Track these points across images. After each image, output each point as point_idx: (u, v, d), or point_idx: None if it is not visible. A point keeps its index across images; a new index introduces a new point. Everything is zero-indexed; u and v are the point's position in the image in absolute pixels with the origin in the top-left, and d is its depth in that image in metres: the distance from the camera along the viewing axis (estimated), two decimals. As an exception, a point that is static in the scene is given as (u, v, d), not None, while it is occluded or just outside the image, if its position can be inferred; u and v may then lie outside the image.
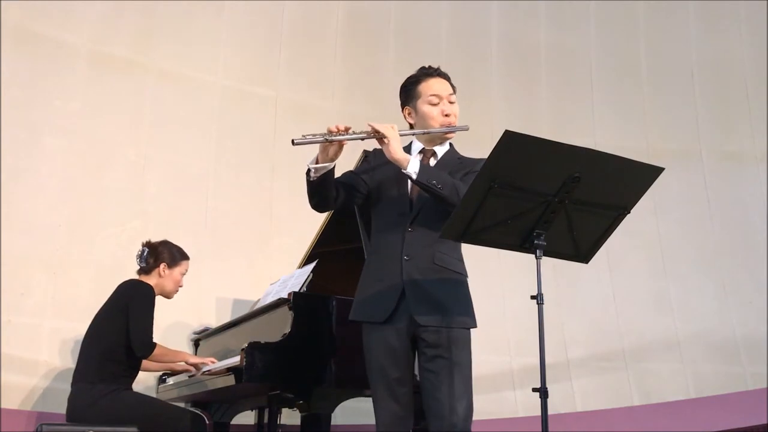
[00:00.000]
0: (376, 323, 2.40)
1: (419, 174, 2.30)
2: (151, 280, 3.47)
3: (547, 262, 2.25)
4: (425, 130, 2.51)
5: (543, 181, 2.15)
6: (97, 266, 4.21)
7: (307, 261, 3.58)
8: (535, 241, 2.24)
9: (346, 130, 2.32)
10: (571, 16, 6.04)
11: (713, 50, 6.07)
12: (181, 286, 3.59)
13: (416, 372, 2.44)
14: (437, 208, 2.38)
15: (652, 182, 2.23)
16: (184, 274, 3.57)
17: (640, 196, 2.26)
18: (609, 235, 2.34)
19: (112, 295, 3.42)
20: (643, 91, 6.01)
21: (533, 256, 2.26)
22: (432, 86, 2.55)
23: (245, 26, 5.18)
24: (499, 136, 2.07)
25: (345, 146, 2.35)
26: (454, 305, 2.38)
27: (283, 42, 5.28)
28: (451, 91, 2.57)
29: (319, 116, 5.28)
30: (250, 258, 4.77)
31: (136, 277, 3.50)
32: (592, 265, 2.44)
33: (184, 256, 3.58)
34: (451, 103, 2.54)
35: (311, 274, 3.25)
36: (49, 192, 4.24)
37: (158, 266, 3.49)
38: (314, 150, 2.38)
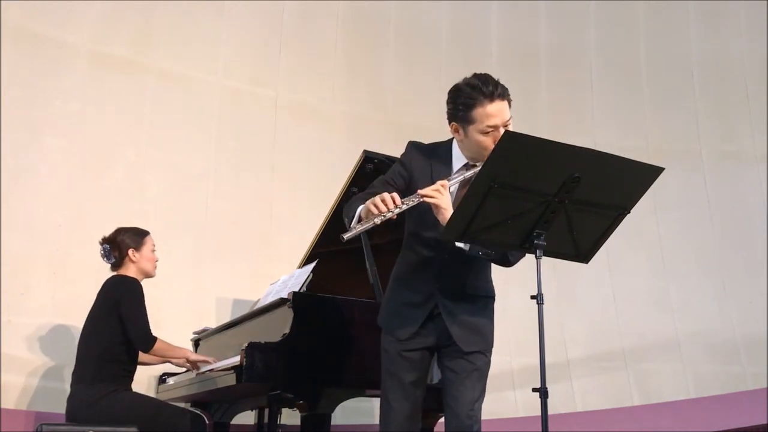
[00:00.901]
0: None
1: (471, 247, 2.29)
2: (129, 270, 3.45)
3: (547, 262, 2.25)
4: (474, 171, 2.26)
5: (543, 181, 2.15)
6: (97, 266, 4.19)
7: (307, 261, 3.58)
8: (535, 241, 2.24)
9: (394, 201, 2.15)
10: (571, 16, 6.04)
11: (713, 50, 6.07)
12: (157, 260, 3.56)
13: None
14: None
15: (652, 182, 2.23)
16: (153, 249, 3.55)
17: (640, 196, 2.26)
18: (609, 235, 2.33)
19: (98, 294, 3.40)
20: (643, 91, 6.01)
21: (533, 256, 2.26)
22: (490, 116, 2.27)
23: (245, 26, 5.17)
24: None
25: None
26: (484, 328, 2.43)
27: (283, 42, 5.28)
28: (508, 115, 2.31)
29: (319, 116, 5.28)
30: (250, 258, 4.77)
31: (115, 273, 3.48)
32: (592, 265, 2.44)
33: (145, 233, 3.55)
34: (505, 126, 2.29)
35: (311, 274, 3.24)
36: (49, 192, 4.24)
37: (127, 254, 3.46)
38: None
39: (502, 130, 2.25)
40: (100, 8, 4.59)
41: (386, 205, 2.15)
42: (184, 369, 3.57)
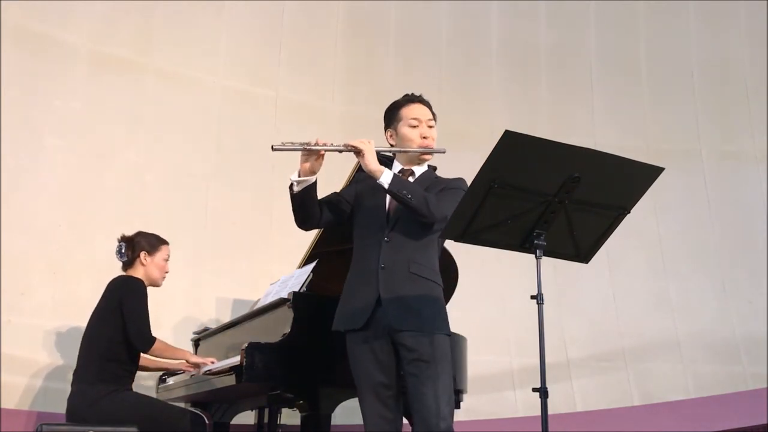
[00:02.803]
0: (358, 331, 2.50)
1: (391, 184, 2.43)
2: (137, 272, 3.45)
3: (547, 262, 2.26)
4: (403, 149, 2.63)
5: (543, 181, 2.15)
6: (97, 266, 4.20)
7: (307, 261, 3.58)
8: (535, 241, 2.24)
9: (324, 142, 2.45)
10: (571, 16, 6.04)
11: (713, 50, 6.07)
12: (167, 272, 3.55)
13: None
14: (413, 219, 2.48)
15: (652, 182, 2.24)
16: (167, 259, 3.53)
17: (640, 196, 2.27)
18: (609, 235, 2.34)
19: (103, 294, 3.40)
20: (643, 91, 6.01)
21: (533, 256, 2.26)
22: (413, 111, 2.66)
23: (245, 26, 5.18)
24: (499, 136, 2.08)
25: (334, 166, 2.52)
26: (428, 311, 2.47)
27: (283, 42, 5.28)
28: (431, 116, 2.68)
29: (319, 116, 5.29)
30: (250, 258, 4.77)
31: (123, 273, 3.49)
32: (592, 265, 2.44)
33: (163, 241, 3.54)
34: (429, 127, 2.66)
35: (311, 274, 3.24)
36: (49, 192, 4.24)
37: (138, 256, 3.46)
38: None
39: (425, 128, 2.64)
40: (100, 8, 4.59)
41: (317, 142, 2.45)
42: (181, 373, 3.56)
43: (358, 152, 2.47)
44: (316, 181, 2.54)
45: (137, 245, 3.47)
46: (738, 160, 5.91)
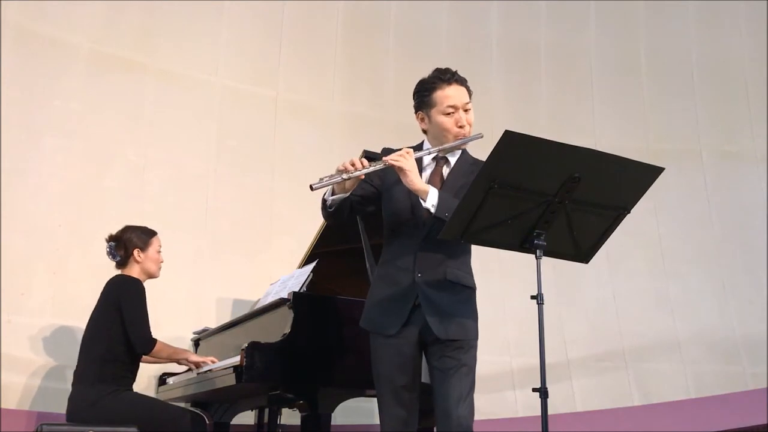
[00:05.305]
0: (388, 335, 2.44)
1: (437, 209, 2.31)
2: (132, 270, 3.44)
3: (547, 262, 2.26)
4: (439, 147, 2.47)
5: (543, 181, 2.15)
6: (97, 266, 4.19)
7: (307, 261, 3.58)
8: (535, 241, 2.24)
9: (362, 164, 2.31)
10: (571, 16, 6.04)
11: (713, 50, 6.07)
12: (162, 262, 3.55)
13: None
14: None
15: (652, 182, 2.24)
16: (159, 250, 3.53)
17: (640, 196, 2.27)
18: (609, 235, 2.34)
19: (101, 294, 3.39)
20: (643, 91, 6.01)
21: (533, 256, 2.26)
22: (448, 96, 2.47)
23: (245, 26, 5.17)
24: (499, 136, 2.08)
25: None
26: (462, 319, 2.42)
27: (283, 42, 5.28)
28: (467, 99, 2.51)
29: (319, 116, 5.29)
30: (250, 258, 4.77)
31: (118, 272, 3.47)
32: (592, 265, 2.45)
33: (151, 233, 3.53)
34: (466, 111, 2.49)
35: (311, 274, 3.25)
36: (49, 192, 4.24)
37: (132, 254, 3.45)
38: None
39: (462, 114, 2.47)
40: (100, 8, 4.59)
41: (354, 165, 2.31)
42: (184, 369, 3.57)
43: (399, 170, 2.34)
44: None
45: (128, 243, 3.46)
46: (738, 160, 5.91)
